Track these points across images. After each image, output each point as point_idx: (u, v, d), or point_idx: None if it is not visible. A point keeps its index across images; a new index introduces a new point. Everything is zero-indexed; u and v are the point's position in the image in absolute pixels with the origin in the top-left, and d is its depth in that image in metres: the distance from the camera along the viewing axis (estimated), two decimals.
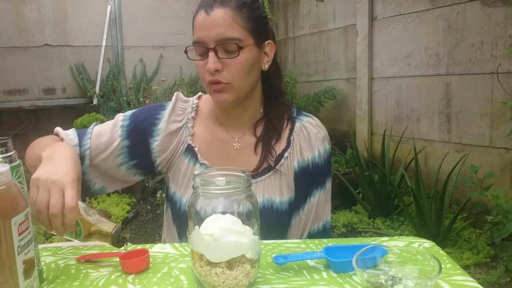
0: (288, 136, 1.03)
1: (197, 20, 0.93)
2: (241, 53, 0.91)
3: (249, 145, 1.03)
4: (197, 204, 0.69)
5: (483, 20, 2.66)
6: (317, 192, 1.02)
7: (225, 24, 0.90)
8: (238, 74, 0.92)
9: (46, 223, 0.75)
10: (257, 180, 1.00)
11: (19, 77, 4.28)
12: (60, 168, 0.79)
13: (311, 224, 1.02)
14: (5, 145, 0.68)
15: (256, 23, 0.94)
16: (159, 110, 1.03)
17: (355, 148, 3.29)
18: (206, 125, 1.04)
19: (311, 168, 1.01)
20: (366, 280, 0.68)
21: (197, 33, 0.92)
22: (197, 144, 1.02)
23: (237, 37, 0.90)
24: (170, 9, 4.85)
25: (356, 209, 3.15)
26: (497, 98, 2.60)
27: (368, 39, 3.61)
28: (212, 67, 0.90)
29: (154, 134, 1.01)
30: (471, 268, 2.26)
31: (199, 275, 0.69)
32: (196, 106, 1.06)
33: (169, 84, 4.72)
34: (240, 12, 0.91)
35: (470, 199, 2.38)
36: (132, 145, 1.00)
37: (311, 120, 1.05)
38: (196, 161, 1.01)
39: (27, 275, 0.62)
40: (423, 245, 0.88)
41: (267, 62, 0.99)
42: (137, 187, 3.61)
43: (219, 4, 0.90)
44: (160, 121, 1.02)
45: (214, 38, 0.90)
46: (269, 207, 0.99)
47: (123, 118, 1.03)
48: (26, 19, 4.26)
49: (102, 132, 1.01)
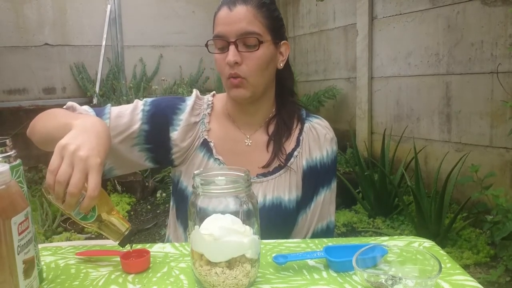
0: (297, 136, 1.06)
1: (219, 16, 0.97)
2: (260, 47, 0.95)
3: (260, 143, 1.05)
4: (197, 204, 0.69)
5: (483, 20, 2.66)
6: (323, 191, 1.05)
7: (247, 19, 0.94)
8: (256, 68, 0.96)
9: (60, 195, 0.71)
10: (268, 178, 1.02)
11: (19, 76, 4.27)
12: (91, 143, 0.75)
13: (316, 223, 1.05)
14: (5, 145, 0.68)
15: (274, 22, 0.99)
16: (180, 102, 1.05)
17: (355, 148, 3.29)
18: (220, 122, 1.06)
19: (319, 167, 1.05)
20: (366, 280, 0.68)
21: (218, 27, 0.96)
22: (213, 140, 1.04)
23: (257, 31, 0.95)
24: (170, 8, 4.85)
25: (356, 208, 3.15)
26: (497, 98, 2.60)
27: (368, 39, 3.61)
28: (232, 59, 0.93)
29: (174, 123, 1.02)
30: (471, 268, 2.26)
31: (199, 275, 0.69)
32: (211, 103, 1.08)
33: (169, 83, 4.72)
34: (261, 11, 0.96)
35: (470, 198, 2.38)
36: (151, 130, 1.01)
37: (320, 122, 1.09)
38: (211, 156, 1.02)
39: (27, 274, 0.62)
40: (423, 244, 0.88)
41: (282, 61, 1.03)
42: (137, 187, 3.61)
43: (242, 2, 0.95)
44: (181, 111, 1.03)
45: (235, 32, 0.94)
46: (277, 205, 1.01)
47: (144, 103, 1.04)
48: (26, 18, 4.26)
49: (121, 114, 1.01)
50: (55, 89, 4.47)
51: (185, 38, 4.87)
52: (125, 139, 1.00)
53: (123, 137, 0.99)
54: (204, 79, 4.87)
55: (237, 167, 0.75)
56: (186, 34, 4.86)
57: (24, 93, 4.32)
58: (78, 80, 4.49)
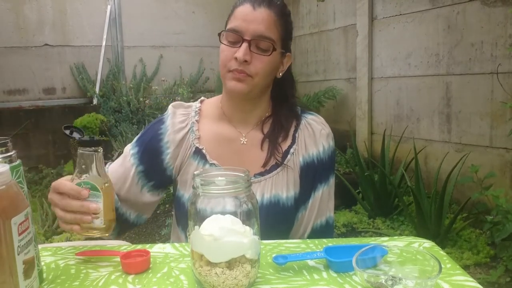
0: (293, 133, 1.06)
1: (240, 10, 0.97)
2: (272, 54, 0.97)
3: (256, 141, 1.05)
4: (197, 204, 0.69)
5: (483, 20, 2.66)
6: (321, 187, 1.05)
7: (266, 23, 0.95)
8: (262, 71, 0.97)
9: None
10: (265, 177, 1.02)
11: (19, 77, 4.27)
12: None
13: (315, 219, 1.05)
14: (5, 145, 0.68)
15: (287, 34, 1.02)
16: (159, 125, 1.06)
17: (355, 148, 3.29)
18: (212, 125, 1.06)
19: (316, 163, 1.05)
20: (366, 280, 0.68)
21: (236, 21, 0.96)
22: (205, 146, 1.04)
23: (273, 38, 0.96)
24: (170, 9, 4.85)
25: (356, 209, 3.15)
26: (497, 98, 2.60)
27: (368, 39, 3.61)
28: (242, 57, 0.94)
29: (163, 149, 1.04)
30: (471, 268, 2.26)
31: (199, 275, 0.69)
32: (199, 110, 1.08)
33: (169, 84, 4.72)
34: (280, 19, 0.98)
35: (470, 199, 2.38)
36: (147, 168, 1.03)
37: (315, 118, 1.09)
38: (206, 162, 1.03)
39: (27, 275, 0.62)
40: (423, 245, 0.88)
41: (282, 71, 1.05)
42: None
43: (267, 4, 0.96)
44: (164, 135, 1.04)
45: (252, 31, 0.95)
46: (275, 203, 1.01)
47: (131, 148, 1.06)
48: (26, 19, 4.26)
49: (115, 168, 1.04)
50: (55, 90, 4.47)
51: (185, 39, 4.87)
52: (130, 187, 1.03)
53: (127, 186, 1.02)
54: (204, 79, 4.87)
55: (237, 167, 0.75)
56: (186, 35, 4.87)
57: (24, 93, 4.32)
58: (78, 80, 4.49)
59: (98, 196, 0.78)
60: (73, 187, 0.79)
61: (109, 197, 0.81)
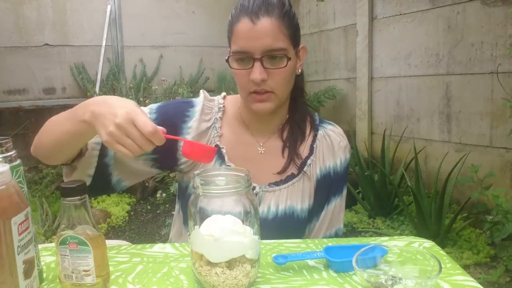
0: (311, 143, 1.03)
1: (240, 29, 0.90)
2: (288, 63, 0.91)
3: (275, 149, 1.02)
4: (197, 204, 0.69)
5: (483, 20, 2.66)
6: (334, 200, 1.03)
7: (272, 34, 0.89)
8: (283, 82, 0.93)
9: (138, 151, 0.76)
10: (280, 187, 0.99)
11: (19, 77, 4.27)
12: (115, 107, 0.78)
13: (325, 231, 1.03)
14: (5, 145, 0.68)
15: (294, 30, 0.94)
16: (188, 107, 1.00)
17: (355, 148, 3.29)
18: (232, 127, 1.03)
19: (332, 176, 1.02)
20: (366, 280, 0.68)
21: (240, 41, 0.90)
22: (225, 146, 1.00)
23: (284, 47, 0.90)
24: (170, 9, 4.84)
25: (356, 209, 3.15)
26: (497, 98, 2.60)
27: (368, 39, 3.61)
28: (259, 78, 0.89)
29: (183, 132, 0.98)
30: (471, 268, 2.26)
31: (199, 275, 0.69)
32: (222, 107, 1.04)
33: (169, 84, 4.71)
34: (284, 21, 0.91)
35: (470, 198, 2.38)
36: None
37: (334, 129, 1.06)
38: (223, 163, 0.99)
39: (27, 275, 0.62)
40: (423, 245, 0.88)
41: (300, 66, 1.00)
42: (137, 187, 3.60)
43: (265, 13, 0.88)
44: (190, 119, 0.99)
45: (261, 48, 0.89)
46: (290, 214, 0.99)
47: (149, 111, 0.98)
48: (26, 19, 4.25)
49: None
50: (55, 89, 4.47)
51: (185, 39, 4.87)
52: None
53: None
54: (204, 79, 4.87)
55: (237, 168, 0.75)
56: (186, 35, 4.86)
57: (24, 93, 4.32)
58: (78, 80, 4.48)
59: (88, 252, 0.68)
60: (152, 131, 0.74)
61: (101, 250, 0.70)
